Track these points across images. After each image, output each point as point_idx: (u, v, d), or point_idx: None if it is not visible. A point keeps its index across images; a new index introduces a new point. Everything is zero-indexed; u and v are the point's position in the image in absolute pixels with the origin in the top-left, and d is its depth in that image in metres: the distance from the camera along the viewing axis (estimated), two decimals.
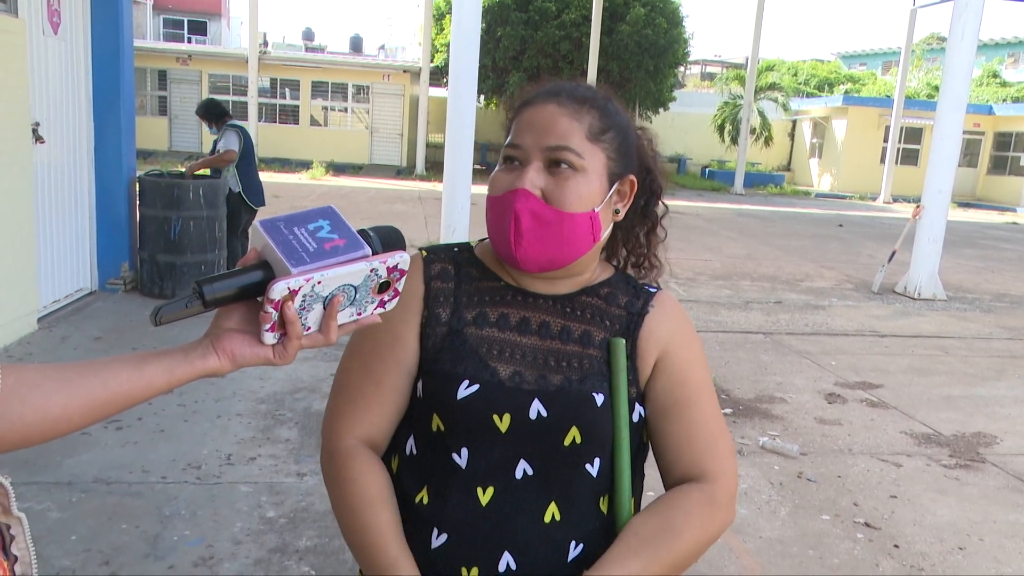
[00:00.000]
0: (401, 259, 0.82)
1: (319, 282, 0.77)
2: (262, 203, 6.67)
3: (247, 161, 6.54)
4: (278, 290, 0.76)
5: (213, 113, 6.55)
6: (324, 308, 0.81)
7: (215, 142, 6.53)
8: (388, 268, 0.82)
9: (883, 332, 6.78)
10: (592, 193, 1.04)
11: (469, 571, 1.01)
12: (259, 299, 0.79)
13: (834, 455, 3.97)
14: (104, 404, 0.77)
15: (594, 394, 1.04)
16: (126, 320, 5.36)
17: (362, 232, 0.83)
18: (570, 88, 1.07)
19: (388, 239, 0.84)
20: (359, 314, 0.85)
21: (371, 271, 0.81)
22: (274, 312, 0.78)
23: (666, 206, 1.21)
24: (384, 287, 0.84)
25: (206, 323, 0.84)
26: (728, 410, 4.48)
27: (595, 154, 1.04)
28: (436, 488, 1.04)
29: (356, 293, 0.82)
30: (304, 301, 0.78)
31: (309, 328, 0.82)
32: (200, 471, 3.25)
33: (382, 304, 0.86)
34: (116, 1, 5.84)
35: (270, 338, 0.80)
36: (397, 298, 0.87)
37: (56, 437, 0.77)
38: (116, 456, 3.31)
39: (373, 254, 0.81)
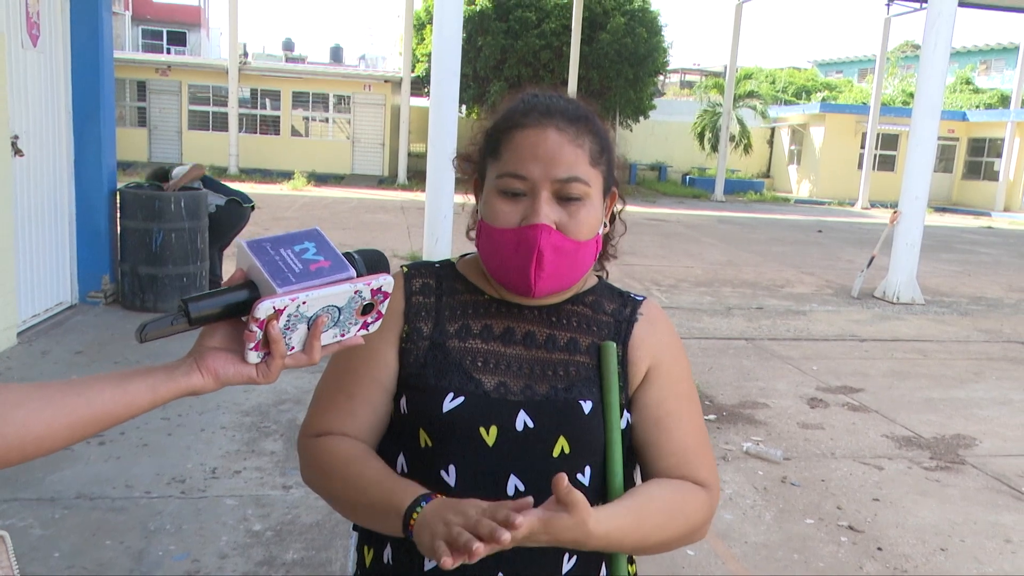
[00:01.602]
0: (385, 282, 0.83)
1: (304, 302, 0.78)
2: (249, 200, 6.71)
3: (212, 183, 6.57)
4: (263, 309, 0.76)
5: (164, 178, 6.51)
6: (308, 328, 0.82)
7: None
8: (372, 290, 0.83)
9: (863, 336, 6.86)
10: (597, 217, 1.06)
11: None
12: (243, 318, 0.80)
13: (817, 459, 4.01)
14: (88, 422, 0.78)
15: (581, 401, 1.04)
16: (107, 334, 5.31)
17: (347, 255, 0.84)
18: (561, 107, 1.05)
19: (372, 262, 0.86)
20: (342, 335, 0.85)
21: (355, 293, 0.82)
22: (259, 331, 0.78)
23: (623, 199, 1.18)
24: (368, 309, 0.84)
25: (188, 338, 0.85)
26: (712, 416, 4.51)
27: (596, 178, 1.04)
28: None
29: (340, 314, 0.82)
30: (289, 321, 0.79)
31: (293, 348, 0.82)
32: (185, 485, 3.23)
33: (365, 326, 0.86)
34: (95, 13, 5.81)
35: (254, 357, 0.81)
36: (380, 320, 0.87)
37: (39, 456, 0.78)
38: (99, 471, 3.28)
39: (358, 276, 0.82)
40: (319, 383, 1.13)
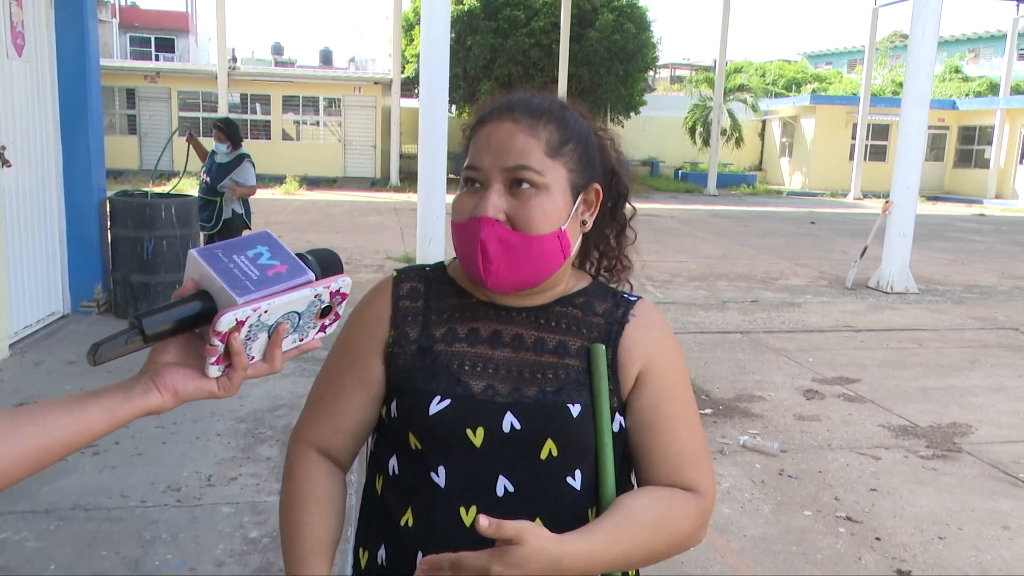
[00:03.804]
0: (343, 283, 0.82)
1: (265, 311, 0.76)
2: (249, 223, 6.75)
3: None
4: (225, 322, 0.74)
5: (234, 136, 6.47)
6: (268, 337, 0.79)
7: (223, 163, 6.41)
8: (331, 293, 0.81)
9: (858, 327, 6.87)
10: (557, 210, 1.01)
11: None
12: (197, 331, 0.77)
13: (814, 451, 4.01)
14: (44, 452, 0.74)
15: (569, 405, 1.03)
16: None
17: (300, 256, 0.82)
18: (525, 101, 1.05)
19: (326, 262, 0.84)
20: (301, 339, 0.84)
21: (315, 297, 0.80)
22: (220, 344, 0.76)
23: (634, 207, 1.19)
24: (326, 311, 0.83)
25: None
26: (708, 410, 4.51)
27: (556, 169, 1.01)
28: (420, 510, 1.04)
29: (300, 319, 0.81)
30: (250, 331, 0.77)
31: (253, 358, 0.80)
32: (180, 493, 3.21)
33: (323, 329, 0.85)
34: (81, 21, 5.78)
35: (215, 371, 0.78)
36: (337, 321, 0.86)
37: None
38: (94, 482, 3.27)
39: (316, 279, 0.81)
40: (315, 381, 1.16)
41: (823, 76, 38.75)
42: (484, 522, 0.86)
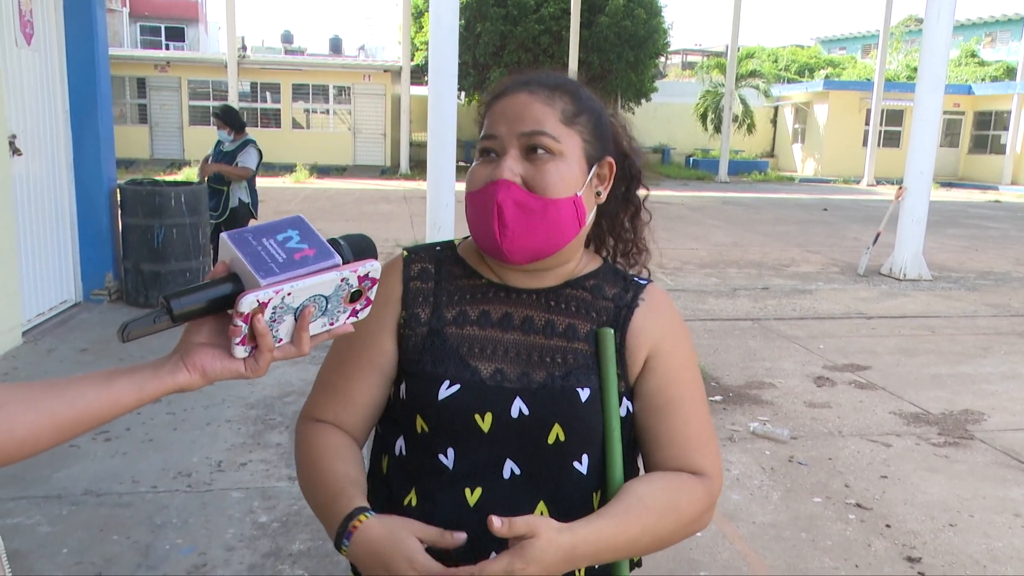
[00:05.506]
0: (372, 268, 0.82)
1: (289, 293, 0.77)
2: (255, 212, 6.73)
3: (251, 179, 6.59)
4: (247, 303, 0.75)
5: (234, 122, 6.46)
6: (295, 319, 0.80)
7: (228, 151, 6.42)
8: (359, 277, 0.81)
9: (870, 314, 6.82)
10: (573, 176, 1.03)
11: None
12: (229, 312, 0.78)
13: (824, 438, 3.99)
14: (72, 423, 0.77)
15: (578, 389, 1.03)
16: (112, 331, 5.32)
17: (332, 241, 0.82)
18: (540, 76, 1.07)
19: (359, 247, 0.84)
20: (331, 324, 0.84)
21: (342, 281, 0.80)
22: (244, 325, 0.77)
23: (647, 188, 1.20)
24: (356, 296, 0.83)
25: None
26: (718, 397, 4.50)
27: (571, 137, 1.03)
28: (424, 490, 1.04)
29: (327, 303, 0.81)
30: (275, 313, 0.77)
31: (281, 340, 0.81)
32: (191, 479, 3.23)
33: (354, 313, 0.85)
34: (90, 10, 5.79)
35: (241, 351, 0.79)
36: (369, 307, 0.86)
37: (22, 459, 0.76)
38: (106, 467, 3.29)
39: (344, 263, 0.81)
40: (322, 366, 1.14)
41: (837, 61, 38.39)
42: (497, 523, 0.87)
